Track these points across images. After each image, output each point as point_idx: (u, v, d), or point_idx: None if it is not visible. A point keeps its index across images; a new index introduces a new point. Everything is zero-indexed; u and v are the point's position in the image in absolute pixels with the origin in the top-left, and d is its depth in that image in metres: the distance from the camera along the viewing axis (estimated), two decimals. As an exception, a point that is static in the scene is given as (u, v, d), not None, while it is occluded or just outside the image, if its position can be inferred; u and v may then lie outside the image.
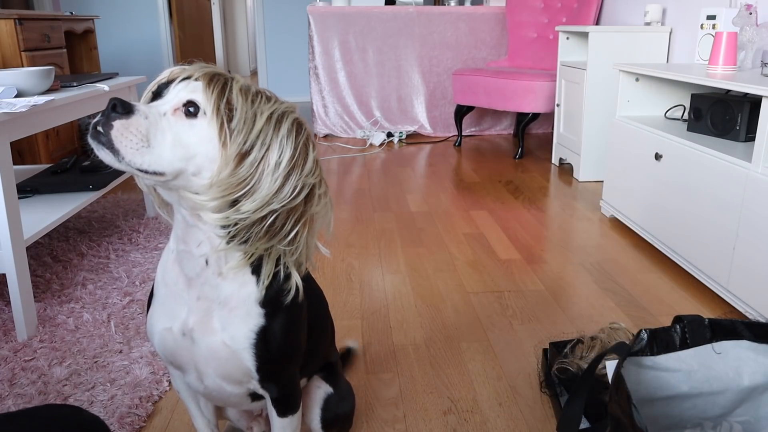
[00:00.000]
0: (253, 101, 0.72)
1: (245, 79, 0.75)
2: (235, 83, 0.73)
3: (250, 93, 0.73)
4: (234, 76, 0.75)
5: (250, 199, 0.71)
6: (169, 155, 0.70)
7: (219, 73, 0.73)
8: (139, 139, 0.69)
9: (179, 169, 0.71)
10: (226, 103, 0.71)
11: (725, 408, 1.04)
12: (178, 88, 0.73)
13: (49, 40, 3.35)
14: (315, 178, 0.75)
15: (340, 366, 1.12)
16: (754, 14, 2.14)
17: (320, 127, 4.37)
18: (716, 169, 1.75)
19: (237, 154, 0.70)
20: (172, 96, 0.72)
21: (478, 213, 2.64)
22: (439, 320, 1.69)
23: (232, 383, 0.84)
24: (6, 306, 1.76)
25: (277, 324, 0.81)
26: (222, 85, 0.72)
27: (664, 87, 2.45)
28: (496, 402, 1.32)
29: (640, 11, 3.26)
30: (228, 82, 0.73)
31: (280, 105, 0.74)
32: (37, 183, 2.12)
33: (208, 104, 0.71)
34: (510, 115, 4.50)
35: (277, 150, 0.71)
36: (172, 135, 0.70)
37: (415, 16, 4.24)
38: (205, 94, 0.71)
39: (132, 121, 0.69)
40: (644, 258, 2.12)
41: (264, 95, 0.74)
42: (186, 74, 0.73)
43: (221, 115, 0.70)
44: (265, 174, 0.71)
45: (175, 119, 0.71)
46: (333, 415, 1.03)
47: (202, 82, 0.72)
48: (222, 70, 0.76)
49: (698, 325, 1.01)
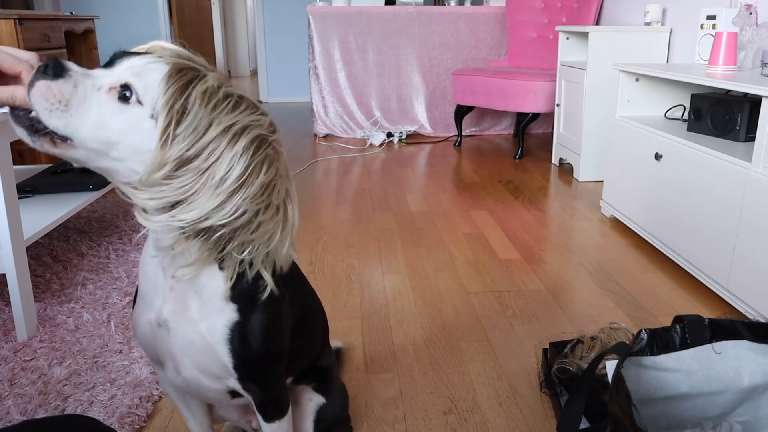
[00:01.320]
0: (215, 107, 0.67)
1: (225, 80, 0.71)
2: (201, 83, 0.67)
3: (214, 97, 0.67)
4: (207, 74, 0.69)
5: (187, 208, 0.66)
6: (87, 132, 0.66)
7: (191, 67, 0.68)
8: (57, 101, 0.65)
9: (96, 149, 0.67)
10: (182, 102, 0.66)
11: (725, 408, 1.04)
12: (129, 64, 0.68)
13: (49, 40, 3.35)
14: (259, 205, 0.69)
15: (335, 369, 1.10)
16: (754, 14, 2.14)
17: (320, 127, 4.37)
18: (716, 169, 1.75)
19: (177, 158, 0.65)
20: (117, 72, 0.68)
21: (478, 213, 2.64)
22: (439, 320, 1.69)
23: (209, 377, 0.82)
24: (6, 306, 1.76)
25: (254, 321, 0.79)
26: (186, 81, 0.67)
27: (664, 87, 2.45)
28: (496, 402, 1.32)
29: (640, 11, 3.26)
30: (194, 80, 0.67)
31: (246, 117, 0.68)
32: (37, 183, 2.12)
33: (161, 97, 0.66)
34: (510, 115, 4.50)
35: (226, 165, 0.66)
36: (97, 114, 0.66)
37: (415, 16, 4.24)
38: (162, 86, 0.66)
39: (57, 84, 0.65)
40: (644, 258, 2.12)
41: (231, 102, 0.68)
42: (160, 54, 0.69)
43: (171, 114, 0.65)
44: (206, 187, 0.66)
45: (107, 98, 0.67)
46: (328, 424, 1.02)
47: (167, 70, 0.67)
48: (202, 63, 0.72)
49: (698, 325, 1.01)
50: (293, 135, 4.50)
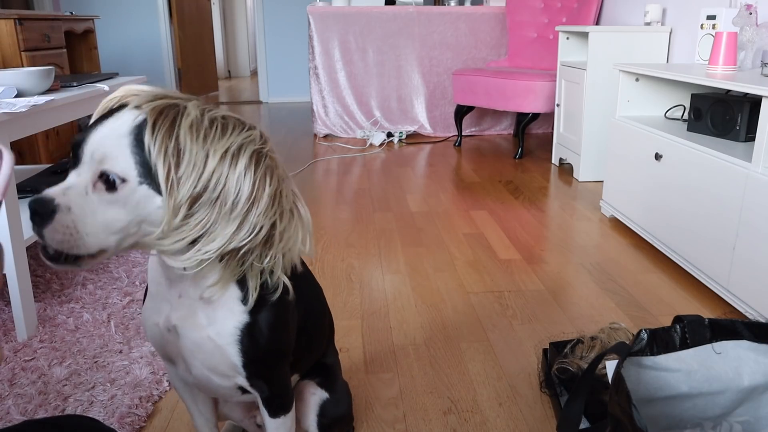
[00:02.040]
0: (206, 137, 0.66)
1: (204, 103, 0.71)
2: (185, 118, 0.66)
3: (201, 128, 0.67)
4: (187, 106, 0.68)
5: (209, 239, 0.67)
6: (104, 235, 0.67)
7: (170, 105, 0.67)
8: (68, 234, 0.66)
9: (119, 239, 0.68)
10: (173, 144, 0.65)
11: (725, 408, 1.04)
12: (90, 149, 0.66)
13: (49, 40, 3.35)
14: (274, 216, 0.71)
15: (338, 368, 1.11)
16: (754, 14, 2.14)
17: (320, 127, 4.37)
18: (716, 169, 1.75)
19: (188, 198, 0.66)
20: (85, 167, 0.67)
21: (478, 213, 2.64)
22: (439, 320, 1.69)
23: (219, 376, 0.84)
24: (6, 306, 1.76)
25: (262, 320, 0.81)
26: (170, 123, 0.66)
27: (664, 87, 2.45)
28: (496, 402, 1.32)
29: (640, 11, 3.26)
30: (177, 118, 0.66)
31: (237, 137, 0.68)
32: (37, 183, 2.12)
33: (152, 148, 0.65)
34: (510, 115, 4.50)
35: (233, 188, 0.67)
36: (101, 216, 0.67)
37: (415, 16, 4.24)
38: (148, 137, 0.65)
39: (56, 222, 0.65)
40: (644, 258, 2.12)
41: (218, 126, 0.68)
42: (136, 102, 0.68)
43: (167, 160, 0.65)
44: (222, 215, 0.67)
45: (98, 197, 0.67)
46: (330, 420, 1.03)
47: (149, 120, 0.66)
48: (177, 95, 0.71)
49: (698, 325, 1.01)
50: (293, 135, 4.50)
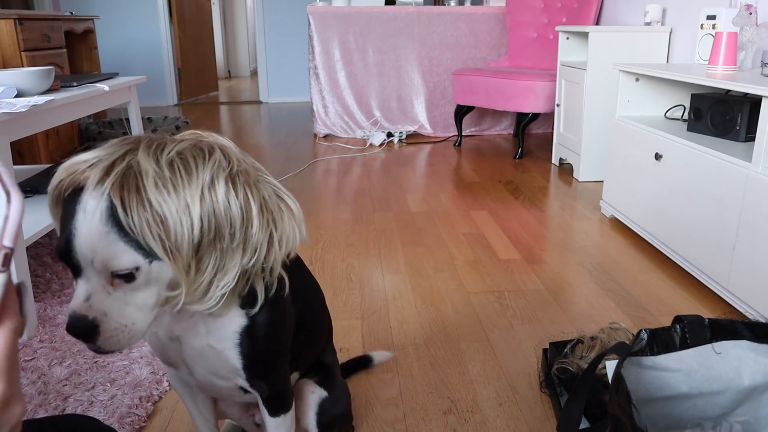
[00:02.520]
0: (176, 187, 0.62)
1: (150, 141, 0.66)
2: (146, 179, 0.61)
3: (167, 180, 0.62)
4: (138, 159, 0.62)
5: (222, 274, 0.68)
6: (145, 316, 0.67)
7: (123, 171, 0.62)
8: (120, 332, 0.66)
9: (157, 310, 0.69)
10: (151, 211, 0.61)
11: (725, 408, 1.04)
12: (81, 252, 0.62)
13: (49, 40, 3.35)
14: (269, 225, 0.70)
15: (337, 367, 1.11)
16: (754, 14, 2.14)
17: (320, 127, 4.37)
18: (716, 169, 1.75)
19: (191, 253, 0.64)
20: (89, 273, 0.64)
21: (478, 213, 2.64)
22: (439, 320, 1.69)
23: (221, 378, 0.85)
24: (6, 306, 1.75)
25: (260, 320, 0.81)
26: (135, 191, 0.61)
27: (664, 87, 2.45)
28: (496, 402, 1.32)
29: (640, 11, 3.26)
30: (138, 182, 0.61)
31: (204, 170, 0.64)
32: (37, 183, 2.12)
33: (137, 232, 0.61)
34: (510, 115, 4.50)
35: (225, 221, 0.65)
36: (133, 304, 0.66)
37: (415, 16, 4.24)
38: (124, 217, 0.61)
39: (105, 332, 0.65)
40: (644, 258, 2.12)
41: (181, 168, 0.63)
42: (89, 182, 0.62)
43: (152, 231, 0.61)
44: (226, 249, 0.66)
45: (122, 291, 0.66)
46: (330, 419, 1.03)
47: (115, 202, 0.61)
48: (118, 146, 0.65)
49: (698, 325, 1.01)
50: (293, 135, 4.50)
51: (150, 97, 6.23)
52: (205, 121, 5.20)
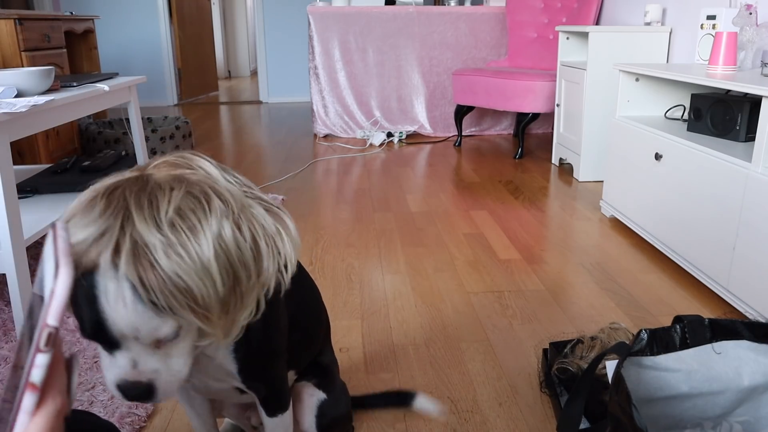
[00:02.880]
0: (188, 251, 0.59)
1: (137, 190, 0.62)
2: (153, 251, 0.58)
3: (177, 246, 0.59)
4: (135, 224, 0.59)
5: (243, 310, 0.68)
6: (188, 361, 0.68)
7: (131, 245, 0.58)
8: (174, 383, 0.68)
9: (194, 353, 0.70)
10: (171, 284, 0.58)
11: (725, 408, 1.04)
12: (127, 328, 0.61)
13: (49, 40, 3.35)
14: (277, 255, 0.68)
15: (336, 368, 1.11)
16: (754, 14, 2.14)
17: (320, 127, 4.37)
18: (716, 169, 1.75)
19: (218, 306, 0.63)
20: (131, 340, 0.63)
21: (478, 213, 2.64)
22: (439, 320, 1.69)
23: (216, 381, 0.85)
24: (6, 306, 1.76)
25: (255, 323, 0.78)
26: (150, 266, 0.58)
27: (664, 87, 2.45)
28: (496, 402, 1.32)
29: (640, 11, 3.26)
30: (147, 254, 0.58)
31: (208, 226, 0.61)
32: (37, 183, 2.12)
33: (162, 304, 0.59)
34: (510, 115, 4.50)
35: (240, 266, 0.64)
36: (177, 356, 0.67)
37: (415, 16, 4.24)
38: (147, 296, 0.58)
39: (162, 389, 0.66)
40: (644, 258, 2.12)
41: (185, 229, 0.60)
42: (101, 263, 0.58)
43: (183, 304, 0.60)
44: (245, 289, 0.65)
45: (166, 348, 0.65)
46: (329, 421, 1.03)
47: (135, 283, 0.58)
48: (111, 207, 0.60)
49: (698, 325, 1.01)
50: (293, 135, 4.50)
51: (150, 97, 6.23)
52: (205, 121, 5.20)
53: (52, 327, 0.33)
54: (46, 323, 0.33)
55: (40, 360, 0.33)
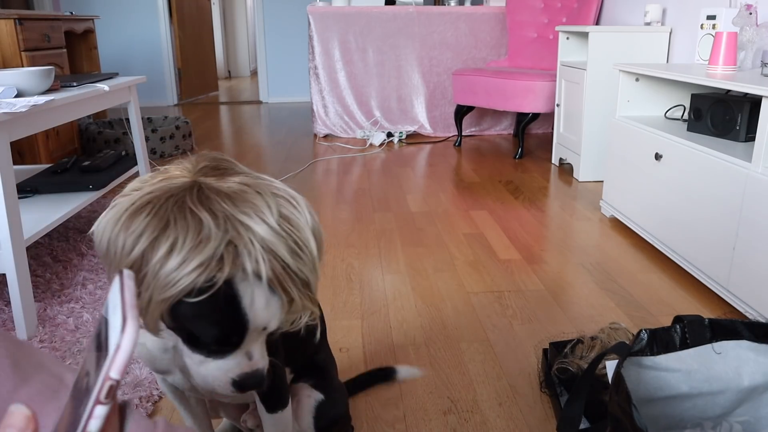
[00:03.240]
0: (302, 249, 0.65)
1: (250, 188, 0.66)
2: (285, 257, 0.64)
3: (298, 247, 0.65)
4: (265, 239, 0.63)
5: None
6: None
7: (267, 253, 0.63)
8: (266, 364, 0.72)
9: None
10: (300, 283, 0.65)
11: (725, 408, 1.04)
12: (261, 324, 0.66)
13: (49, 40, 3.35)
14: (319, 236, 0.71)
15: (333, 368, 1.11)
16: (754, 14, 2.14)
17: (320, 127, 4.37)
18: (716, 169, 1.75)
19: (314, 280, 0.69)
20: (254, 334, 0.68)
21: (478, 213, 2.64)
22: (439, 320, 1.69)
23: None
24: (6, 306, 1.76)
25: None
26: (282, 269, 0.64)
27: (664, 87, 2.45)
28: (496, 402, 1.32)
29: (640, 11, 3.26)
30: (281, 260, 0.64)
31: (301, 216, 0.66)
32: (37, 183, 2.12)
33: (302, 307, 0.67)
34: (510, 115, 4.50)
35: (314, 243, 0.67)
36: (263, 344, 0.72)
37: (415, 16, 4.24)
38: (287, 297, 0.65)
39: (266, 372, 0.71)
40: (644, 258, 2.12)
41: (289, 226, 0.65)
42: (252, 270, 0.62)
43: (310, 301, 0.67)
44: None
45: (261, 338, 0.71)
46: (328, 421, 1.03)
47: (270, 278, 0.63)
48: (238, 218, 0.63)
49: (698, 325, 1.01)
50: (293, 135, 4.50)
51: (150, 97, 6.23)
52: (205, 121, 5.21)
53: (114, 380, 0.34)
54: (108, 376, 0.34)
55: (99, 411, 0.34)
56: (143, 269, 0.61)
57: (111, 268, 0.64)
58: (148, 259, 0.61)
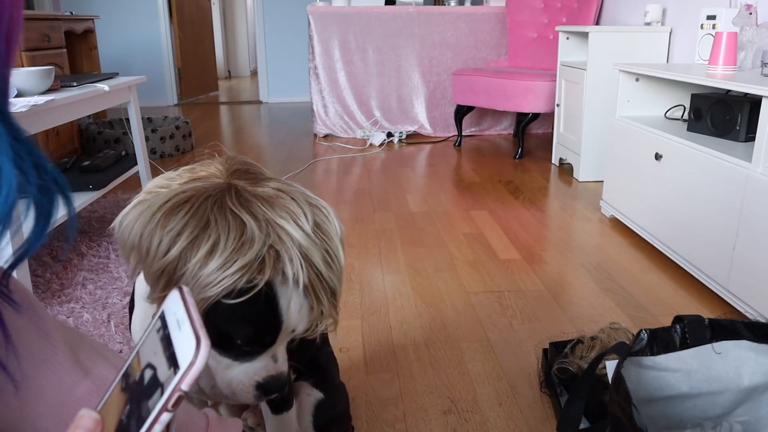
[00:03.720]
0: (333, 261, 0.67)
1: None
2: (319, 265, 0.66)
3: (331, 255, 0.67)
4: (303, 246, 0.65)
5: None
6: None
7: (304, 260, 0.64)
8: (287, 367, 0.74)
9: None
10: (330, 291, 0.67)
11: (725, 408, 1.04)
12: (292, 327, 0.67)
13: (49, 40, 3.35)
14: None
15: (334, 368, 1.11)
16: (754, 14, 2.14)
17: (320, 127, 4.37)
18: (716, 169, 1.75)
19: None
20: (283, 338, 0.69)
21: (478, 213, 2.64)
22: (439, 320, 1.69)
23: None
24: (6, 306, 1.75)
25: None
26: (316, 276, 0.66)
27: (664, 87, 2.45)
28: (496, 402, 1.32)
29: (640, 11, 3.26)
30: (315, 268, 0.66)
31: (330, 225, 0.68)
32: (37, 183, 2.12)
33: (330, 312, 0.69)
34: (510, 115, 4.50)
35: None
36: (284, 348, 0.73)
37: (415, 16, 4.24)
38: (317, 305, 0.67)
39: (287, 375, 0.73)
40: (644, 258, 2.12)
41: (321, 234, 0.67)
42: (291, 275, 0.64)
43: (335, 308, 0.69)
44: None
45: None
46: (327, 421, 1.03)
47: (309, 294, 0.66)
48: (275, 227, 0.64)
49: (698, 325, 1.01)
50: (293, 135, 4.50)
51: (150, 97, 6.23)
52: (205, 121, 5.21)
53: (183, 391, 0.36)
54: (179, 387, 0.36)
55: (165, 418, 0.36)
56: (180, 268, 0.60)
57: (139, 264, 0.64)
58: (187, 258, 0.60)
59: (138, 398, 0.38)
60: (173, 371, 0.36)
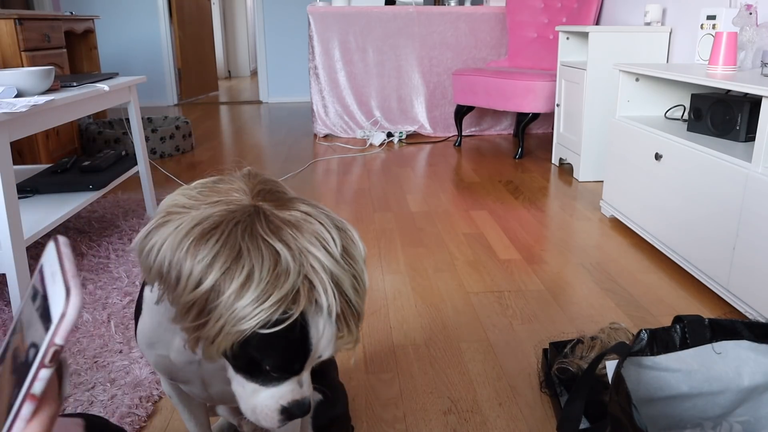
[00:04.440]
0: (361, 287, 0.67)
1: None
2: (349, 293, 0.66)
3: (359, 281, 0.66)
4: (335, 273, 0.64)
5: None
6: None
7: (335, 287, 0.64)
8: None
9: None
10: (358, 316, 0.67)
11: (725, 408, 1.04)
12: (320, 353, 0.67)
13: (49, 40, 3.35)
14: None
15: (334, 369, 1.11)
16: (754, 14, 2.14)
17: (320, 127, 4.37)
18: (716, 169, 1.75)
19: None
20: (309, 365, 0.69)
21: (478, 213, 2.64)
22: (439, 320, 1.69)
23: (228, 384, 0.84)
24: (6, 306, 1.76)
25: None
26: (346, 303, 0.65)
27: (664, 87, 2.45)
28: (496, 402, 1.32)
29: (640, 11, 3.26)
30: (347, 295, 0.65)
31: (357, 249, 0.68)
32: (37, 183, 2.12)
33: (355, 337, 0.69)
34: (510, 115, 4.50)
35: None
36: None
37: (415, 16, 4.24)
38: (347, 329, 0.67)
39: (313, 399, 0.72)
40: (644, 258, 2.12)
41: (349, 260, 0.66)
42: (325, 305, 0.63)
43: (359, 328, 0.69)
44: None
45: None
46: (326, 421, 1.03)
47: (338, 312, 0.65)
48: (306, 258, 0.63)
49: (698, 325, 1.01)
50: (293, 135, 4.50)
51: (150, 97, 6.23)
52: (205, 121, 5.21)
53: (59, 345, 0.36)
54: (53, 342, 0.36)
55: (43, 374, 0.36)
56: (213, 300, 0.59)
57: (167, 292, 0.63)
58: (221, 290, 0.59)
59: (23, 374, 0.37)
60: (48, 328, 0.36)
